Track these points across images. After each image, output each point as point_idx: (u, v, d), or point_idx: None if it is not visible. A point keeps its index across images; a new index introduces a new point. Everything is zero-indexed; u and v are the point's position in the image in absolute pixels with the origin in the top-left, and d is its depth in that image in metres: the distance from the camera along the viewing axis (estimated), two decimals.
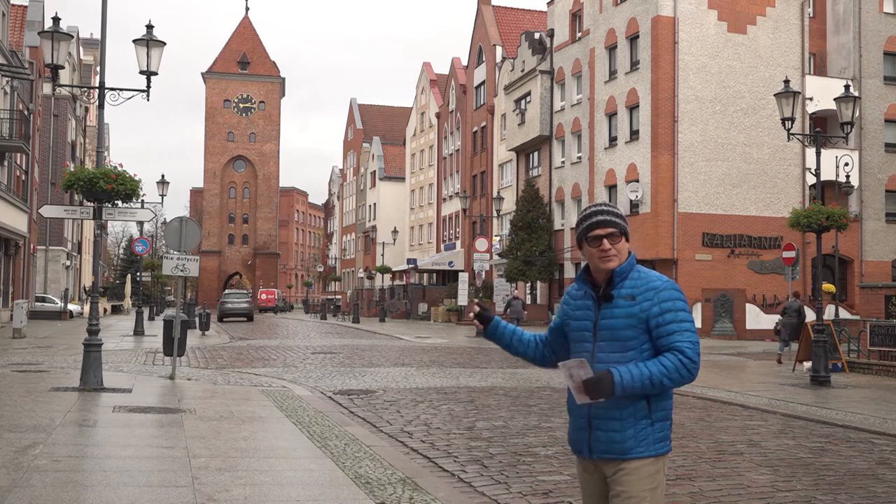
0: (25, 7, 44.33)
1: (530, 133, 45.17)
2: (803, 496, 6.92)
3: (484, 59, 55.48)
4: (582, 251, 3.40)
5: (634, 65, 35.96)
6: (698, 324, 32.43)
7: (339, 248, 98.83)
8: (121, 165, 13.31)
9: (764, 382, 15.91)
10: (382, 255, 59.59)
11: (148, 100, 13.80)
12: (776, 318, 29.22)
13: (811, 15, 37.31)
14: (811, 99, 34.77)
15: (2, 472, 6.87)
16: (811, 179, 27.23)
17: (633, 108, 35.96)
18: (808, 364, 16.74)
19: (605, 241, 3.29)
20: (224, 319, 47.05)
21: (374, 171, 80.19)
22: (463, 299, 39.29)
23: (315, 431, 9.36)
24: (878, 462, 8.46)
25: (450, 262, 56.18)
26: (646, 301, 3.27)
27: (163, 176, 32.88)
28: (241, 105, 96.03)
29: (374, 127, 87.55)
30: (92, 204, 13.40)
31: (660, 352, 3.25)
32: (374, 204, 79.45)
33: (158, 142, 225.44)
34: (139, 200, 15.75)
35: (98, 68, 14.33)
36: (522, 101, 46.19)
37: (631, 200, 35.41)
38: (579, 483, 3.58)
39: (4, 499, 6.02)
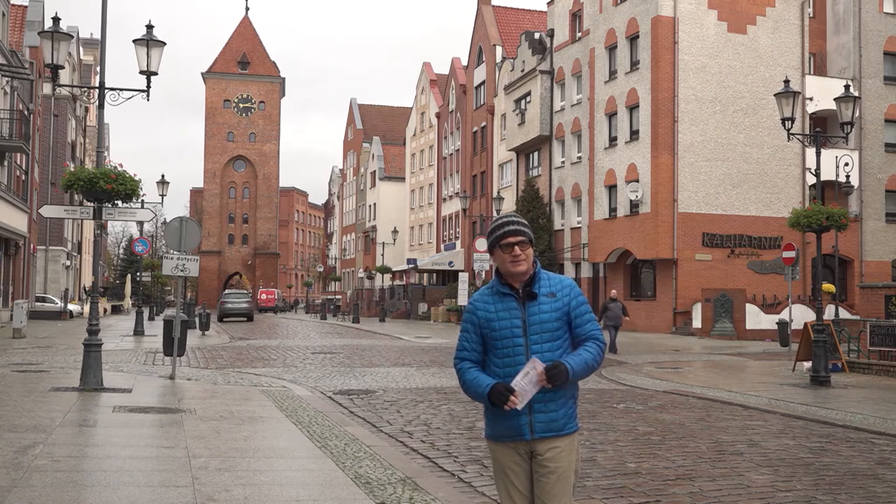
0: (25, 7, 44.31)
1: (530, 133, 45.16)
2: (803, 496, 6.92)
3: (484, 59, 55.46)
4: (494, 257, 3.86)
5: (634, 65, 35.95)
6: (698, 324, 32.46)
7: (339, 248, 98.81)
8: (121, 165, 13.30)
9: (764, 382, 15.90)
10: (382, 255, 59.57)
11: (148, 100, 13.80)
12: (776, 318, 29.30)
13: (811, 15, 37.31)
14: (811, 99, 34.77)
15: (2, 472, 6.87)
16: (811, 179, 27.24)
17: (633, 108, 35.95)
18: (808, 364, 16.74)
19: (517, 247, 3.78)
20: (224, 319, 47.01)
21: (374, 171, 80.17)
22: (463, 299, 39.19)
23: (315, 431, 9.36)
24: (878, 462, 8.46)
25: (450, 262, 56.17)
26: (565, 297, 3.83)
27: (163, 176, 32.89)
28: (241, 105, 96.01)
29: (374, 127, 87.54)
30: (92, 204, 13.39)
31: (577, 337, 3.82)
32: (374, 204, 79.43)
33: (158, 142, 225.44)
34: (139, 200, 15.74)
35: (98, 68, 14.32)
36: (522, 101, 46.18)
37: (631, 200, 35.41)
38: (504, 472, 3.82)
39: (4, 499, 6.02)
